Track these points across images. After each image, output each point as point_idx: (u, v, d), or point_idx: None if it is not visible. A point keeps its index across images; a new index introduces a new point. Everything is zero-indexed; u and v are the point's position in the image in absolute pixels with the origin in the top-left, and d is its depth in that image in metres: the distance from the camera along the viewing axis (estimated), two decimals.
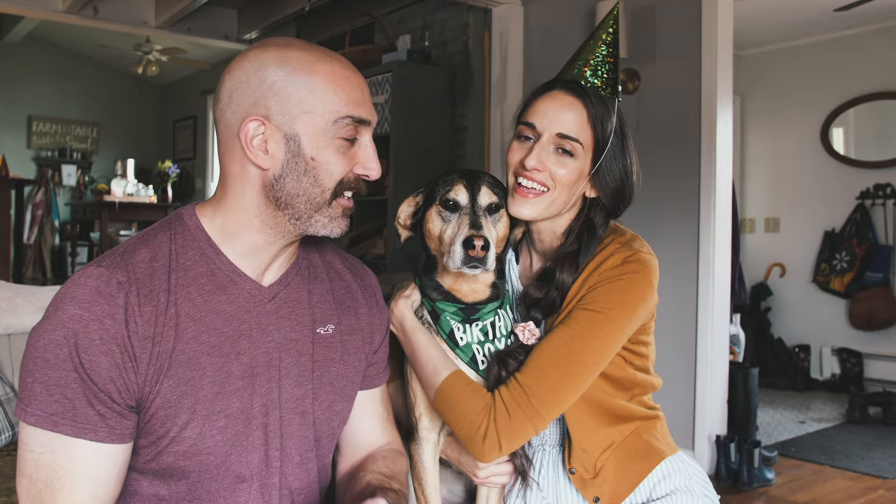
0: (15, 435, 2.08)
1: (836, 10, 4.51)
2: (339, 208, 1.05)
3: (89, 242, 7.92)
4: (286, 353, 1.08)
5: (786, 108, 5.62)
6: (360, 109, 1.03)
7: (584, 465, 1.26)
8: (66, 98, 8.78)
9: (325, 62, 1.02)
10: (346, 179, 1.04)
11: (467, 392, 1.17)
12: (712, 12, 3.26)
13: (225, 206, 1.05)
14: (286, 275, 1.11)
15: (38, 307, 2.41)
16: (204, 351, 1.00)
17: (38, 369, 0.93)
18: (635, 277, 1.20)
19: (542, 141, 1.25)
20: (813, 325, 5.44)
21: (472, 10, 4.26)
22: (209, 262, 1.03)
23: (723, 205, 3.30)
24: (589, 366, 1.18)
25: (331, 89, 1.00)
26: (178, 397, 0.98)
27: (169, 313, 0.98)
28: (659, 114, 3.48)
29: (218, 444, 1.01)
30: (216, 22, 5.76)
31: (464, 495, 1.41)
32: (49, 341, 0.93)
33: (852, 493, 3.22)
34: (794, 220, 5.58)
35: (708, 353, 3.29)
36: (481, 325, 1.23)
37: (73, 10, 4.93)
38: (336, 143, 1.02)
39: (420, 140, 4.31)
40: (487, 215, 1.21)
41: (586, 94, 1.25)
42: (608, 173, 1.27)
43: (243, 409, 1.03)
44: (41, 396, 0.93)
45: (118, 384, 0.95)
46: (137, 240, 1.03)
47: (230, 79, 1.02)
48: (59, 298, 0.96)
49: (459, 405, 1.17)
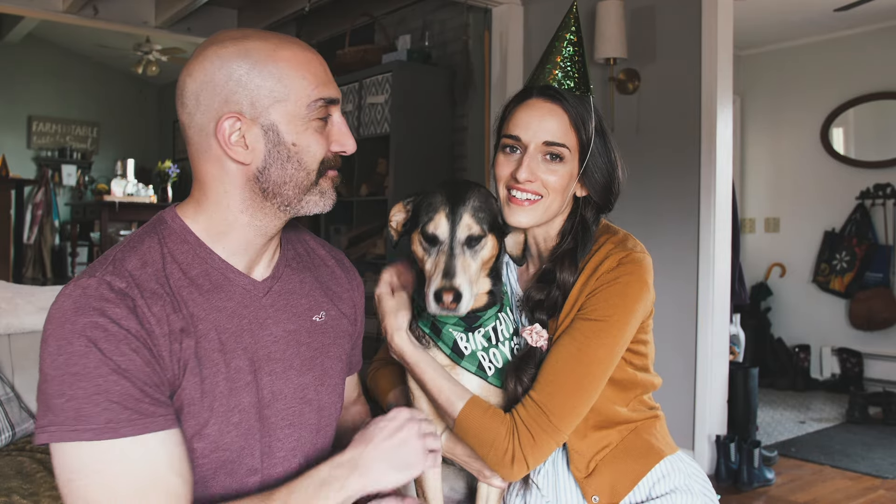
0: (15, 435, 2.08)
1: (836, 10, 4.51)
2: (328, 182, 1.07)
3: (89, 242, 7.92)
4: (288, 345, 1.09)
5: (786, 108, 5.62)
6: (328, 90, 1.04)
7: (577, 466, 1.28)
8: (66, 98, 8.79)
9: (286, 48, 1.02)
10: (326, 158, 1.05)
11: (487, 419, 1.18)
12: (712, 12, 3.26)
13: (207, 207, 1.04)
14: (276, 267, 1.12)
15: (38, 307, 2.41)
16: (215, 348, 1.01)
17: (68, 386, 0.88)
18: (631, 279, 1.22)
19: (530, 151, 1.25)
20: (813, 325, 5.44)
21: (472, 10, 4.26)
22: (202, 262, 1.03)
23: (723, 205, 3.30)
24: (599, 375, 1.20)
25: (298, 74, 1.01)
26: (199, 395, 0.98)
27: (177, 313, 0.98)
28: (659, 114, 3.48)
29: (234, 439, 1.02)
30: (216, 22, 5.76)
31: (465, 492, 1.41)
32: (70, 355, 0.89)
33: (852, 493, 3.22)
34: (794, 220, 5.58)
35: (708, 353, 3.29)
36: (483, 331, 1.23)
37: (73, 10, 4.93)
38: (313, 125, 1.03)
39: (420, 140, 4.31)
40: (467, 248, 1.16)
41: (563, 97, 1.26)
42: (595, 170, 1.28)
43: (252, 403, 1.04)
44: (87, 409, 0.88)
45: (154, 379, 0.94)
46: (123, 248, 1.01)
47: (192, 81, 1.00)
48: (59, 314, 0.92)
49: (482, 434, 1.18)
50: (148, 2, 5.32)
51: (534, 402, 1.18)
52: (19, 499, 1.66)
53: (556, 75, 1.29)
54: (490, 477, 1.26)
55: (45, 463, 1.89)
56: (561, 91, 1.27)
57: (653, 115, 3.50)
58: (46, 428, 0.89)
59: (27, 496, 1.68)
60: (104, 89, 9.00)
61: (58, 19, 5.20)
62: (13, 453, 1.97)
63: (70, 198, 8.67)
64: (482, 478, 1.28)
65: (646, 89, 3.55)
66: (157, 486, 0.91)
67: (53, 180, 8.36)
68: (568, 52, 1.30)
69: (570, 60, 1.30)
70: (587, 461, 1.27)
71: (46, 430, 0.89)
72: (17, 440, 2.09)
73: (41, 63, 8.39)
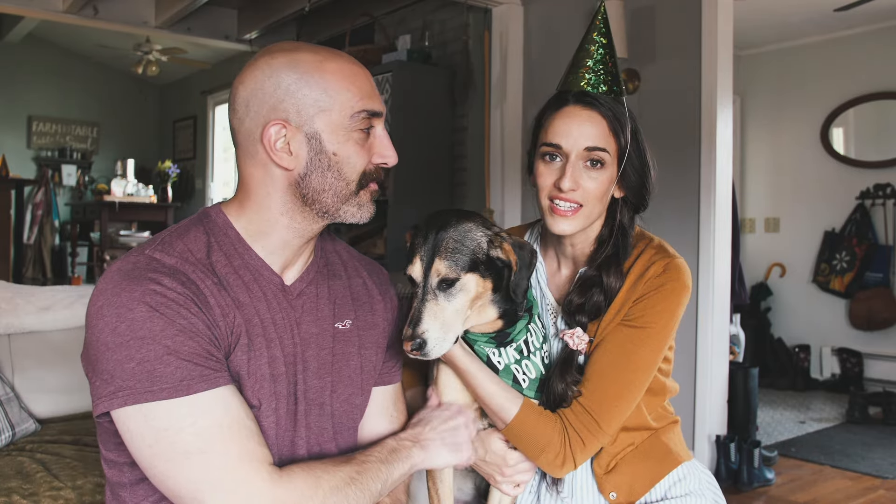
0: (15, 435, 2.08)
1: (836, 10, 4.51)
2: (367, 195, 1.11)
3: (89, 242, 7.91)
4: (307, 347, 1.12)
5: (786, 108, 5.62)
6: (372, 102, 1.07)
7: (599, 462, 1.31)
8: (66, 98, 8.78)
9: (334, 60, 1.06)
10: (368, 170, 1.09)
11: (541, 425, 1.22)
12: (712, 12, 3.26)
13: (249, 208, 1.09)
14: (307, 272, 1.15)
15: (39, 307, 2.41)
16: (258, 333, 1.05)
17: (136, 350, 0.91)
18: (676, 286, 1.26)
19: (572, 160, 1.25)
20: (813, 325, 5.44)
21: (472, 10, 4.26)
22: (241, 256, 1.07)
23: (723, 205, 3.30)
24: (643, 380, 1.25)
25: (343, 86, 1.05)
26: (246, 373, 1.02)
27: (224, 293, 1.02)
28: (659, 114, 3.48)
29: (270, 425, 1.05)
30: (216, 22, 5.76)
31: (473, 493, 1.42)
32: (132, 321, 0.92)
33: (852, 493, 3.22)
34: (794, 220, 5.58)
35: (708, 353, 3.29)
36: (515, 344, 1.24)
37: (73, 10, 4.92)
38: (354, 136, 1.06)
39: (420, 140, 4.31)
40: (440, 293, 1.13)
41: (599, 103, 1.27)
42: (632, 171, 1.30)
43: (289, 393, 1.08)
44: (160, 370, 0.91)
45: (214, 342, 0.98)
46: (170, 233, 1.05)
47: (244, 88, 1.05)
48: (111, 285, 0.95)
49: (538, 439, 1.22)
50: (148, 2, 5.32)
51: (582, 408, 1.22)
52: (19, 499, 1.66)
53: (589, 80, 1.28)
54: (501, 483, 1.27)
55: (45, 463, 1.89)
56: (597, 96, 1.27)
57: (653, 115, 3.50)
58: (116, 394, 0.92)
59: (27, 496, 1.68)
60: (104, 89, 9.00)
61: (58, 19, 5.20)
62: (13, 453, 1.97)
63: (70, 198, 8.66)
64: (493, 482, 1.29)
65: (646, 89, 3.55)
66: (240, 427, 0.95)
67: (53, 180, 8.35)
68: (599, 54, 1.29)
69: (601, 63, 1.29)
70: (609, 459, 1.30)
71: (117, 396, 0.92)
72: (17, 440, 2.09)
73: (41, 63, 8.38)
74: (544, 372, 1.27)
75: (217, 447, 0.93)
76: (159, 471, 0.93)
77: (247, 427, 0.96)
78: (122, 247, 7.23)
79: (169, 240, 1.03)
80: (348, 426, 1.18)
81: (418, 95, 4.31)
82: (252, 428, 0.98)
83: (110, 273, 0.97)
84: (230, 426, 0.94)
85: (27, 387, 2.27)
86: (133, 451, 0.95)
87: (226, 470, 0.93)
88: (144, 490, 1.03)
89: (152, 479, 0.96)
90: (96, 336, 0.94)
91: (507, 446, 1.27)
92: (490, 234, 1.18)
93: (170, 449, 0.92)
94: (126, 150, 8.94)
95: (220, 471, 0.92)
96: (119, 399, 0.92)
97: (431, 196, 4.35)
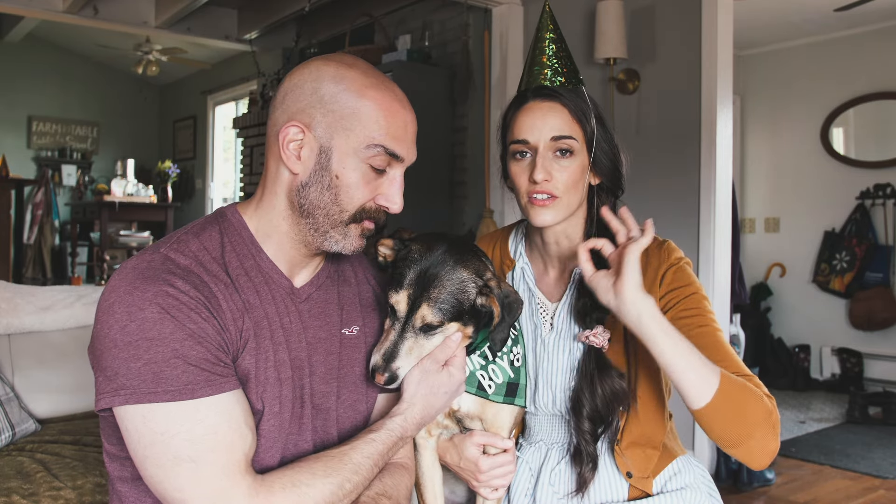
0: (15, 435, 2.08)
1: (836, 10, 4.51)
2: (358, 229, 1.09)
3: (89, 242, 7.91)
4: (314, 352, 1.11)
5: (786, 108, 5.62)
6: (395, 144, 1.05)
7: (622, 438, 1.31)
8: (66, 98, 8.79)
9: (378, 90, 1.05)
10: (368, 207, 1.07)
11: (747, 389, 1.17)
12: (712, 12, 3.25)
13: (262, 206, 1.09)
14: (317, 277, 1.15)
15: (38, 307, 2.41)
16: (266, 336, 1.04)
17: (144, 350, 0.91)
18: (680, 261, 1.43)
19: (541, 151, 1.27)
20: (813, 325, 5.44)
21: (472, 10, 4.26)
22: (253, 257, 1.07)
23: (723, 205, 3.30)
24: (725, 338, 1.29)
25: (374, 117, 1.03)
26: (253, 375, 1.01)
27: (236, 295, 1.02)
28: (659, 114, 3.48)
29: (274, 428, 1.04)
30: (216, 22, 5.76)
31: (465, 495, 1.41)
32: (143, 321, 0.92)
33: (852, 493, 3.22)
34: (794, 220, 5.58)
35: None
36: (479, 351, 1.23)
37: (73, 10, 4.93)
38: (363, 168, 1.04)
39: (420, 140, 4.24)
40: (421, 333, 1.11)
41: (559, 94, 1.29)
42: (603, 156, 1.32)
43: (295, 397, 1.07)
44: (166, 372, 0.91)
45: (223, 347, 0.98)
46: (186, 232, 1.06)
47: (289, 81, 1.06)
48: (124, 283, 0.95)
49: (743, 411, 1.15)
50: (148, 2, 5.33)
51: (748, 378, 1.19)
52: (19, 499, 1.66)
53: (546, 74, 1.31)
54: (479, 487, 1.27)
55: (45, 463, 1.88)
56: (555, 88, 1.30)
57: (653, 115, 3.50)
58: (119, 391, 0.92)
59: (27, 496, 1.68)
60: (104, 89, 9.00)
61: (58, 19, 5.20)
62: (13, 453, 1.97)
63: (70, 198, 8.66)
64: (472, 486, 1.28)
65: (646, 89, 3.55)
66: (235, 436, 0.95)
67: (53, 180, 8.35)
68: (551, 49, 1.33)
69: (555, 57, 1.33)
70: (627, 440, 1.30)
71: (119, 394, 0.92)
72: (17, 440, 2.09)
73: (41, 63, 8.38)
74: (512, 376, 1.24)
75: (207, 456, 0.92)
76: (150, 473, 0.94)
77: (242, 437, 0.96)
78: (122, 247, 7.24)
79: (185, 238, 1.03)
80: (352, 433, 1.17)
81: (418, 95, 4.29)
82: (248, 437, 0.97)
83: (125, 270, 0.97)
84: (225, 434, 0.94)
85: (27, 387, 2.27)
86: (130, 449, 0.96)
87: (210, 481, 0.92)
88: (145, 485, 1.02)
89: (144, 480, 0.96)
90: (105, 332, 0.94)
91: (478, 452, 1.24)
92: (481, 283, 1.14)
93: (162, 453, 0.92)
94: (126, 150, 8.95)
95: (207, 480, 0.92)
96: (121, 397, 0.92)
97: (431, 196, 4.35)
